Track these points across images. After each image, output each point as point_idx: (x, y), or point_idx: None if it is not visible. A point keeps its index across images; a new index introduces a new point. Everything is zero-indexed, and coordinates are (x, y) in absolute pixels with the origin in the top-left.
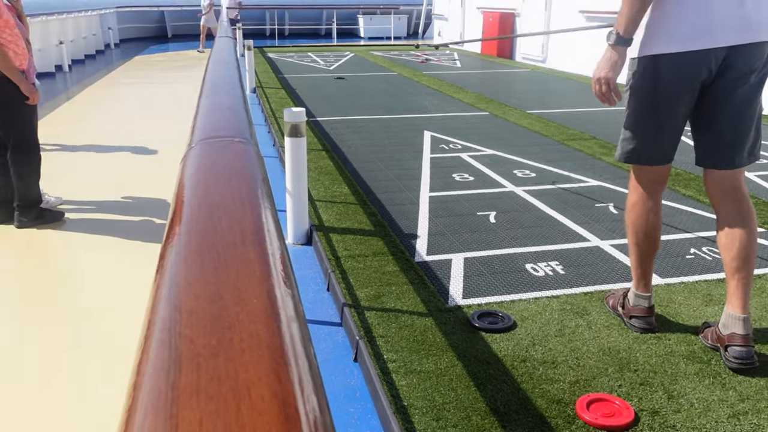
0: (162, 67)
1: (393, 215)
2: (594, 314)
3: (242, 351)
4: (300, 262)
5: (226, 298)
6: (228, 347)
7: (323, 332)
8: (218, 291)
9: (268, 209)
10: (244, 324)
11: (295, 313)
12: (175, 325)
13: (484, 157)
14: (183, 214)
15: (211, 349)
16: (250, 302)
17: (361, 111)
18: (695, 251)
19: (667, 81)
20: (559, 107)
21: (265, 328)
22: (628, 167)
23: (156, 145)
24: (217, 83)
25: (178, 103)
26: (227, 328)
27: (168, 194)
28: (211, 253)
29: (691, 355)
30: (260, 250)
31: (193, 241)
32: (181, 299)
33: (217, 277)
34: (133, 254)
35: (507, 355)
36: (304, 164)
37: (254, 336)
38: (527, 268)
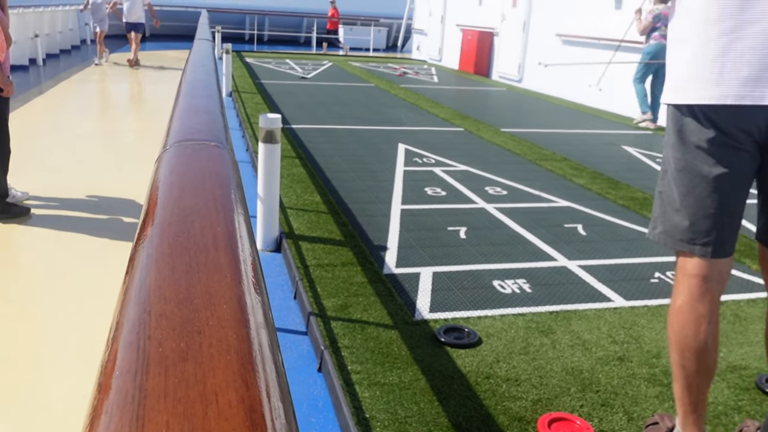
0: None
1: (364, 226)
2: (559, 333)
3: (211, 356)
4: (268, 269)
5: (196, 303)
6: (197, 352)
7: (288, 341)
8: (188, 295)
9: (242, 215)
10: (213, 329)
11: (264, 320)
12: (143, 328)
13: (457, 173)
14: (155, 216)
15: (180, 353)
16: (220, 307)
17: (336, 120)
18: (659, 275)
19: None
20: (533, 127)
21: (234, 334)
22: (599, 188)
23: (129, 145)
24: (195, 85)
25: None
26: (197, 333)
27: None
28: (182, 256)
29: (652, 378)
30: (232, 255)
31: (165, 244)
32: (150, 302)
33: (188, 281)
34: (101, 254)
35: (471, 371)
36: (277, 171)
37: (223, 341)
38: (495, 285)
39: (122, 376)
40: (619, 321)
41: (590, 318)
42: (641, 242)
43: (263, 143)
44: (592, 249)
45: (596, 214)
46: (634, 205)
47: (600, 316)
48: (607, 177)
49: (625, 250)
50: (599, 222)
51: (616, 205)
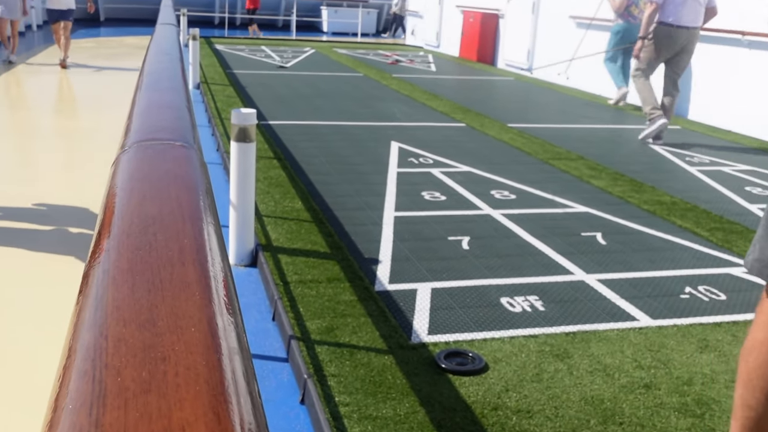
0: (92, 54)
1: (352, 236)
2: (576, 357)
3: (177, 386)
4: (243, 286)
5: (160, 326)
6: (161, 381)
7: (266, 368)
8: (151, 317)
9: (212, 224)
10: (180, 355)
11: (238, 345)
12: (100, 355)
13: (458, 174)
14: (113, 227)
15: (142, 384)
16: (188, 331)
17: (320, 115)
18: (690, 290)
19: None
20: (545, 122)
21: (203, 361)
22: (621, 191)
23: (82, 146)
24: (157, 77)
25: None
26: (161, 360)
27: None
28: (144, 273)
29: (683, 408)
30: (201, 271)
31: (124, 259)
32: (107, 325)
33: (151, 301)
34: (51, 271)
35: (476, 402)
36: (252, 174)
37: (191, 369)
38: (503, 302)
39: (75, 411)
40: (645, 343)
41: (612, 340)
42: (669, 252)
43: (236, 142)
44: (613, 261)
45: (618, 221)
46: (660, 211)
47: (623, 338)
48: (630, 178)
49: (651, 262)
50: (621, 230)
51: (641, 211)
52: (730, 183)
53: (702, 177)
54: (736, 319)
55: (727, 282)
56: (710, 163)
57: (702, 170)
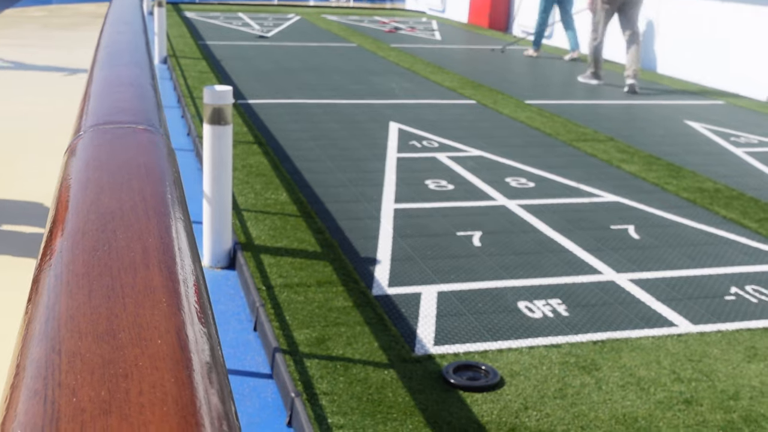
0: (42, 24)
1: (346, 233)
2: (605, 370)
3: (141, 406)
4: (219, 291)
5: (121, 338)
6: (123, 401)
7: (248, 386)
8: (111, 328)
9: (181, 221)
10: (144, 371)
11: (212, 359)
12: (52, 373)
13: (467, 160)
14: (66, 225)
15: (100, 404)
16: (153, 343)
17: (307, 93)
18: (737, 291)
19: None
20: (567, 98)
21: (172, 378)
22: (656, 177)
23: (31, 131)
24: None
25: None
26: (122, 377)
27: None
28: (102, 277)
29: (729, 425)
30: (168, 274)
31: (79, 261)
32: (61, 338)
33: (110, 310)
34: None
35: (491, 422)
36: (229, 161)
37: (158, 387)
38: (520, 307)
39: None
40: (684, 352)
41: (647, 348)
42: (712, 247)
43: (209, 125)
44: (647, 257)
45: (653, 212)
46: (702, 199)
47: (659, 346)
48: (667, 162)
49: (691, 259)
50: (657, 222)
51: (679, 199)
52: None
53: (749, 159)
54: None
55: None
56: (759, 143)
57: (749, 152)
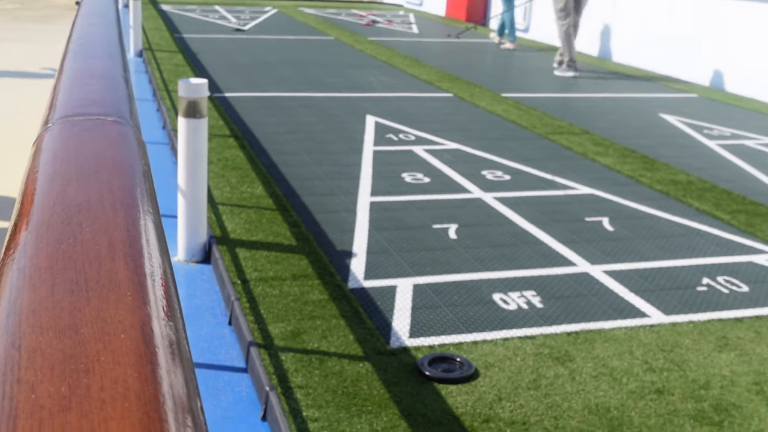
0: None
1: (321, 226)
2: (579, 361)
3: (102, 402)
4: (194, 285)
5: (83, 332)
6: (84, 397)
7: (222, 380)
8: (73, 322)
9: (149, 214)
10: (106, 367)
11: (177, 354)
12: (11, 369)
13: (444, 153)
14: (31, 218)
15: (60, 401)
16: (117, 338)
17: (283, 86)
18: (709, 282)
19: None
20: (543, 91)
21: (135, 373)
22: (630, 170)
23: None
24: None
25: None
26: (83, 372)
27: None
28: (66, 270)
29: (700, 414)
30: (134, 268)
31: (43, 254)
32: (21, 333)
33: (73, 304)
34: None
35: (465, 413)
36: (204, 154)
37: (120, 383)
38: (495, 299)
39: None
40: (657, 342)
41: (620, 339)
42: (685, 239)
43: (184, 118)
44: (621, 249)
45: (627, 204)
46: (675, 191)
47: (632, 337)
48: (641, 155)
49: (664, 250)
50: (631, 214)
51: (653, 191)
52: (753, 158)
53: (722, 152)
54: (760, 314)
55: (749, 272)
56: (731, 136)
57: (722, 144)
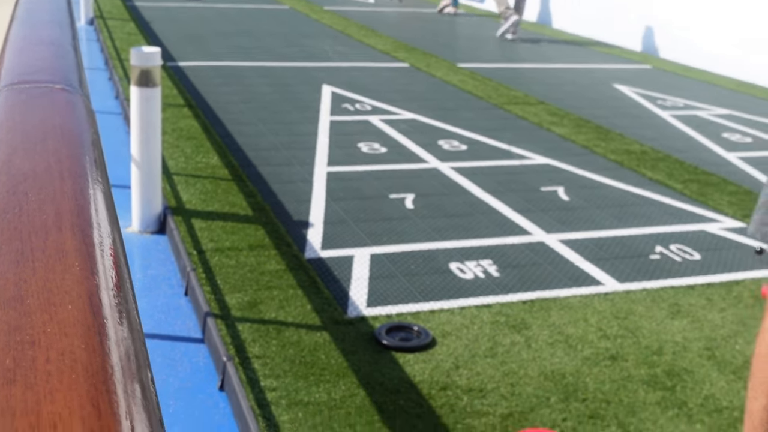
0: None
1: (278, 196)
2: (534, 328)
3: (48, 374)
4: (149, 256)
5: (29, 303)
6: (28, 370)
7: (179, 351)
8: (18, 293)
9: (98, 183)
10: (53, 338)
11: (127, 325)
12: None
13: (400, 123)
14: None
15: (4, 373)
16: (63, 309)
17: (239, 55)
18: (662, 250)
19: None
20: (500, 61)
21: (82, 344)
22: (585, 140)
23: None
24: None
25: None
26: (28, 344)
27: None
28: (11, 241)
29: (653, 380)
30: (82, 238)
31: None
32: None
33: (18, 275)
34: None
35: (423, 382)
36: (158, 124)
37: (67, 354)
38: (452, 268)
39: None
40: (611, 310)
41: (574, 307)
42: (638, 208)
43: (137, 87)
44: (576, 218)
45: (582, 174)
46: (629, 161)
47: (587, 305)
48: (596, 125)
49: (618, 219)
50: (585, 183)
51: (607, 161)
52: (705, 129)
53: (675, 123)
54: (711, 281)
55: (701, 240)
56: (684, 106)
57: (675, 115)
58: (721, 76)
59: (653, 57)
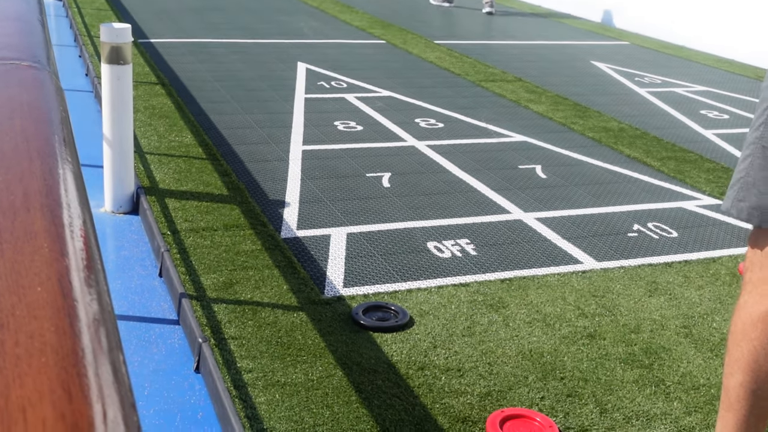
0: None
1: (253, 175)
2: (512, 307)
3: (17, 358)
4: (122, 237)
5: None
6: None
7: (154, 333)
8: None
9: (68, 162)
10: (21, 321)
11: (98, 307)
12: None
13: (376, 100)
14: None
15: None
16: (32, 291)
17: (213, 32)
18: (639, 228)
19: None
20: (477, 38)
21: (52, 327)
22: (563, 117)
23: None
24: None
25: None
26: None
27: None
28: None
29: (630, 358)
30: (51, 218)
31: None
32: None
33: None
34: None
35: (400, 361)
36: (130, 102)
37: (36, 337)
38: (429, 247)
39: None
40: (588, 288)
41: (552, 286)
42: (616, 185)
43: (108, 64)
44: (553, 196)
45: (559, 151)
46: (607, 139)
47: (565, 283)
48: (574, 102)
49: (596, 197)
50: (563, 161)
51: (585, 139)
52: (683, 106)
53: (653, 99)
54: (688, 258)
55: (679, 217)
56: (662, 83)
57: (653, 92)
58: (699, 52)
59: (631, 33)
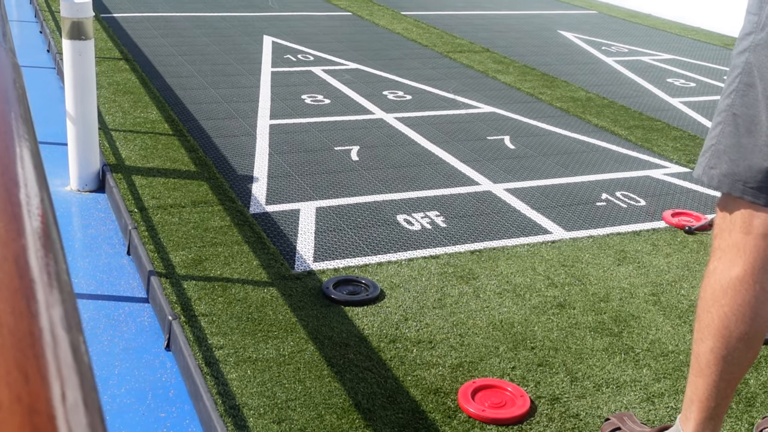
0: None
1: (221, 150)
2: (483, 278)
3: None
4: (88, 215)
5: None
6: None
7: (123, 311)
8: None
9: (25, 140)
10: None
11: (57, 286)
12: None
13: (344, 73)
14: None
15: None
16: None
17: (176, 6)
18: (607, 197)
19: None
20: (444, 8)
21: (8, 308)
22: (530, 87)
23: None
24: None
25: None
26: None
27: None
28: None
29: (600, 326)
30: (7, 198)
31: None
32: None
33: None
34: None
35: (372, 335)
36: (92, 78)
37: None
38: (399, 220)
39: None
40: (558, 258)
41: (522, 256)
42: (584, 155)
43: (69, 40)
44: (522, 167)
45: (527, 121)
46: (575, 108)
47: (534, 253)
48: (541, 72)
49: (564, 167)
50: (531, 131)
51: (553, 109)
52: (650, 74)
53: (620, 68)
54: (656, 227)
55: (646, 186)
56: (629, 52)
57: (620, 60)
58: (665, 21)
59: (598, 3)
